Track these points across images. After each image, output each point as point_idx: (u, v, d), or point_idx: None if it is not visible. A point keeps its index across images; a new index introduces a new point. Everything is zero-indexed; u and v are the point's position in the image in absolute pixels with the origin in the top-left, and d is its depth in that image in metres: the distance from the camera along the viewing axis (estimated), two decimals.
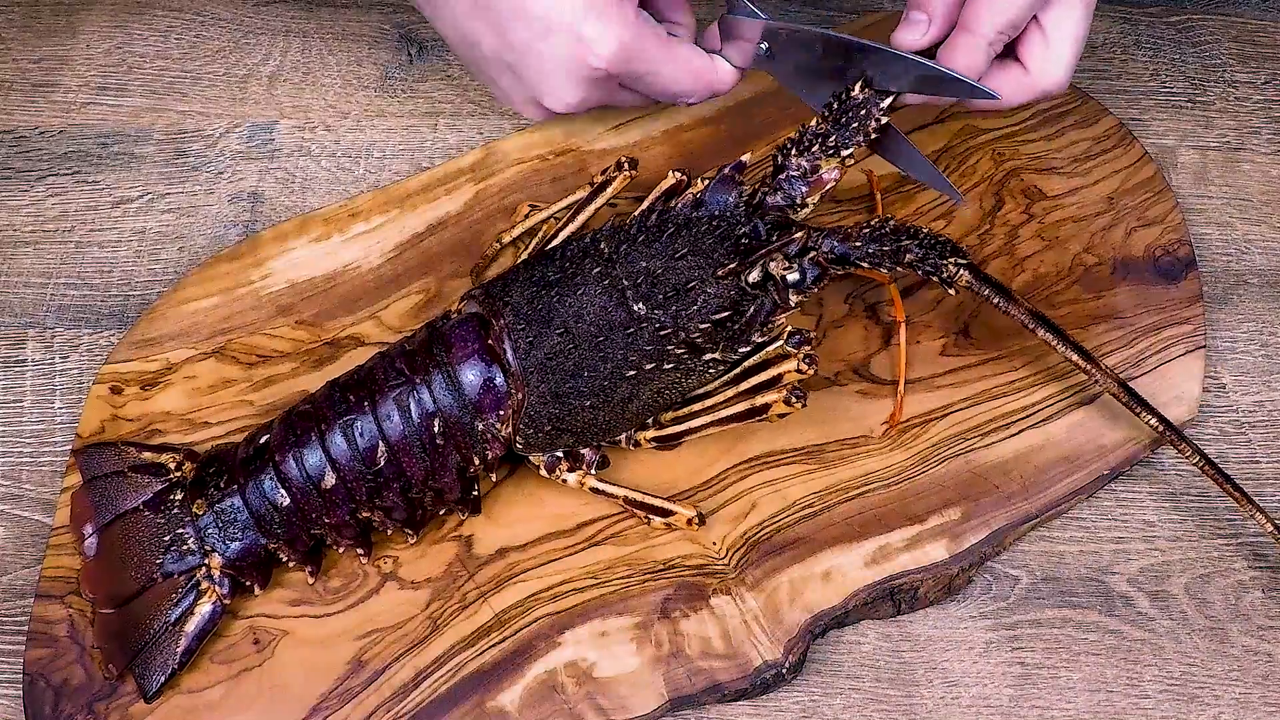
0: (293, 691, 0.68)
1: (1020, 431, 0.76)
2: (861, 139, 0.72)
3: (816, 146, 0.72)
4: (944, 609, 0.73)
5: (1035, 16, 0.72)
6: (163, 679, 0.67)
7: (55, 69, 0.91)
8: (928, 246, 0.69)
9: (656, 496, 0.72)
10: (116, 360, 0.77)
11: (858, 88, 0.72)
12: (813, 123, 0.72)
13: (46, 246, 0.84)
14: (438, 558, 0.72)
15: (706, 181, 0.74)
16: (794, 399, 0.69)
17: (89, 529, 0.70)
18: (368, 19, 0.94)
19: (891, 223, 0.70)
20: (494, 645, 0.70)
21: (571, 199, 0.80)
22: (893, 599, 0.72)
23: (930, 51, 0.73)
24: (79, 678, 0.68)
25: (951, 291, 0.70)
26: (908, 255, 0.69)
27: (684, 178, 0.76)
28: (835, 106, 0.72)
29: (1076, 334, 0.79)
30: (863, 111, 0.71)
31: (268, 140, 0.88)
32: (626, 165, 0.78)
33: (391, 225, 0.83)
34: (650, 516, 0.72)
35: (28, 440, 0.77)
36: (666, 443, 0.73)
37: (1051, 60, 0.73)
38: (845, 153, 0.72)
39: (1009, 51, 0.74)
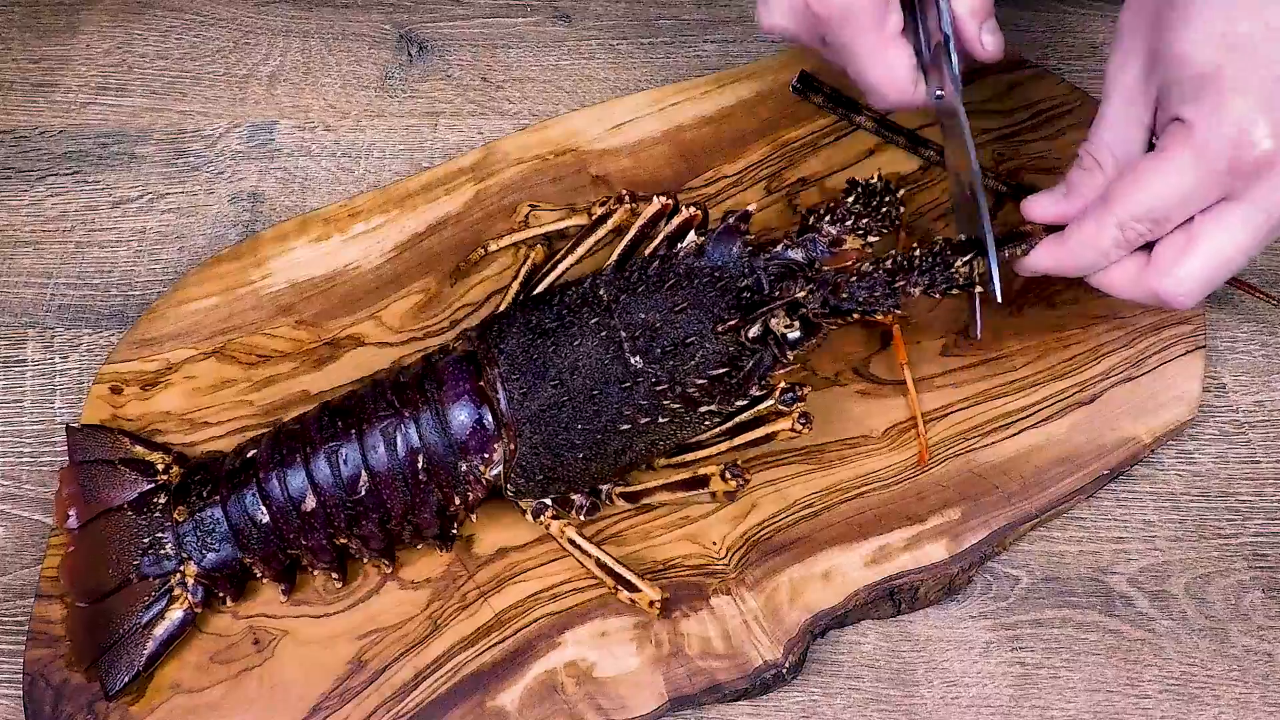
0: (293, 691, 0.68)
1: (1020, 431, 0.76)
2: (887, 228, 0.72)
3: (850, 221, 0.72)
4: (944, 609, 0.73)
5: (1192, 217, 0.65)
6: (125, 679, 0.67)
7: (55, 69, 0.91)
8: (927, 269, 0.69)
9: (629, 569, 0.70)
10: (116, 360, 0.77)
11: (875, 177, 0.73)
12: (849, 199, 0.73)
13: (46, 246, 0.84)
14: (438, 558, 0.72)
15: (701, 228, 0.74)
16: (802, 423, 0.69)
17: (73, 511, 0.70)
18: (368, 19, 0.94)
19: (887, 264, 0.70)
20: (494, 645, 0.70)
21: (565, 222, 0.80)
22: (893, 599, 0.72)
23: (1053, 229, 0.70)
24: (79, 678, 0.68)
25: (979, 289, 0.70)
26: (914, 289, 0.69)
27: (670, 203, 0.75)
28: (862, 191, 0.73)
29: (1076, 334, 0.79)
30: (888, 199, 0.73)
31: (268, 140, 0.88)
32: (628, 198, 0.77)
33: (391, 225, 0.83)
34: (617, 587, 0.70)
35: (28, 440, 0.77)
36: (634, 500, 0.72)
37: (1180, 265, 0.65)
38: (872, 238, 0.72)
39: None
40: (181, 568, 0.69)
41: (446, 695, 0.68)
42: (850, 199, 0.73)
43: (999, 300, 0.68)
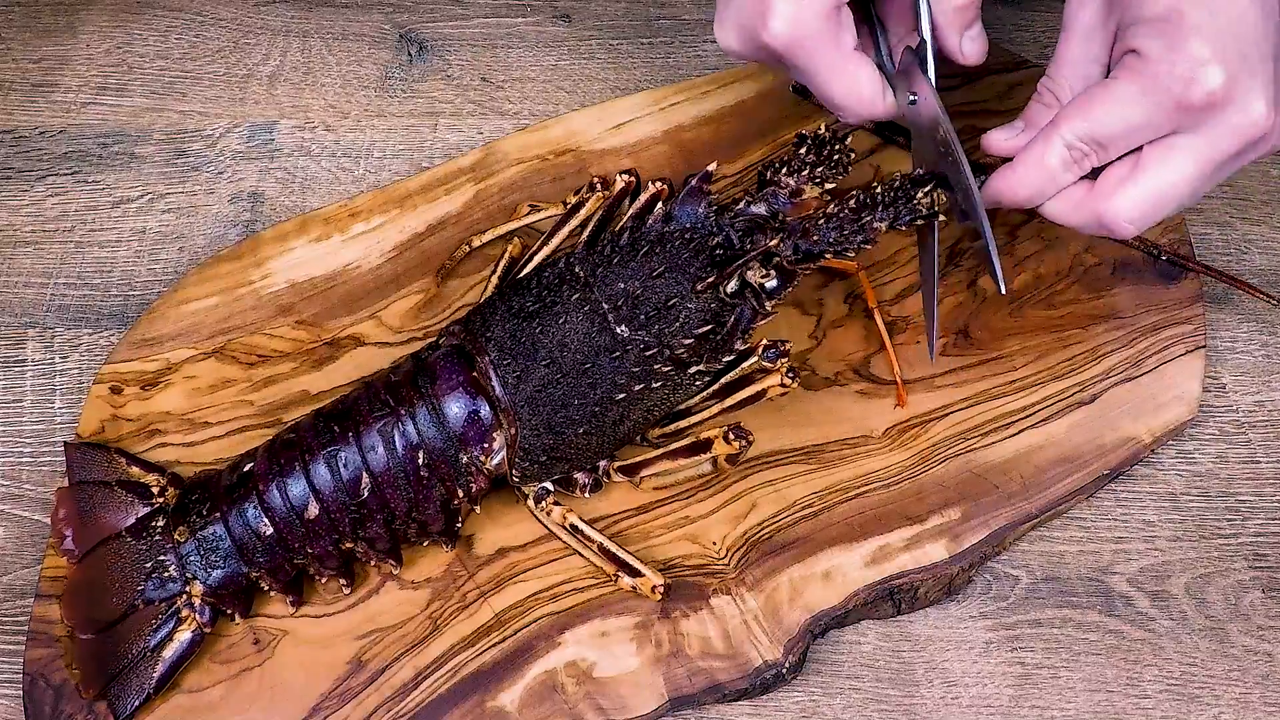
0: (293, 691, 0.68)
1: (1020, 431, 0.76)
2: (841, 174, 0.73)
3: (805, 172, 0.73)
4: (944, 609, 0.73)
5: (1141, 147, 0.67)
6: (136, 703, 0.67)
7: (55, 69, 0.91)
8: (890, 202, 0.70)
9: (631, 554, 0.70)
10: (116, 360, 0.77)
11: (822, 127, 0.73)
12: (802, 150, 0.73)
13: (46, 246, 0.84)
14: (438, 558, 0.72)
15: (658, 183, 0.75)
16: (790, 377, 0.70)
17: (69, 532, 0.70)
18: (368, 19, 0.94)
19: (850, 203, 0.70)
20: (494, 645, 0.70)
21: (543, 214, 0.80)
22: (893, 599, 0.72)
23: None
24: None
25: (942, 217, 0.70)
26: (880, 224, 0.69)
27: (633, 180, 0.76)
28: (812, 142, 0.73)
29: (1076, 334, 0.79)
30: (838, 146, 0.73)
31: (268, 140, 0.88)
32: (600, 185, 0.78)
33: (391, 225, 0.83)
34: (618, 573, 0.70)
35: (28, 440, 0.77)
36: (632, 473, 0.73)
37: (1124, 190, 0.66)
38: (829, 185, 0.73)
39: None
40: (187, 588, 0.68)
41: (446, 695, 0.68)
42: (803, 150, 0.73)
43: (1004, 291, 0.69)
